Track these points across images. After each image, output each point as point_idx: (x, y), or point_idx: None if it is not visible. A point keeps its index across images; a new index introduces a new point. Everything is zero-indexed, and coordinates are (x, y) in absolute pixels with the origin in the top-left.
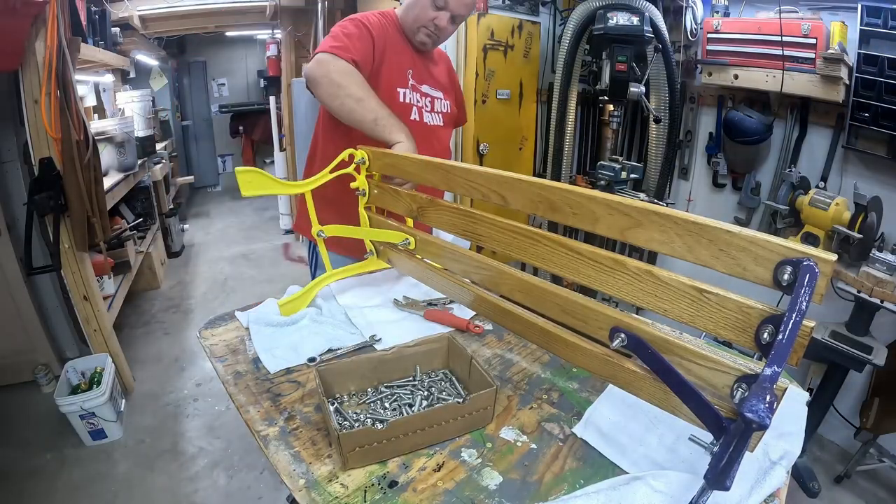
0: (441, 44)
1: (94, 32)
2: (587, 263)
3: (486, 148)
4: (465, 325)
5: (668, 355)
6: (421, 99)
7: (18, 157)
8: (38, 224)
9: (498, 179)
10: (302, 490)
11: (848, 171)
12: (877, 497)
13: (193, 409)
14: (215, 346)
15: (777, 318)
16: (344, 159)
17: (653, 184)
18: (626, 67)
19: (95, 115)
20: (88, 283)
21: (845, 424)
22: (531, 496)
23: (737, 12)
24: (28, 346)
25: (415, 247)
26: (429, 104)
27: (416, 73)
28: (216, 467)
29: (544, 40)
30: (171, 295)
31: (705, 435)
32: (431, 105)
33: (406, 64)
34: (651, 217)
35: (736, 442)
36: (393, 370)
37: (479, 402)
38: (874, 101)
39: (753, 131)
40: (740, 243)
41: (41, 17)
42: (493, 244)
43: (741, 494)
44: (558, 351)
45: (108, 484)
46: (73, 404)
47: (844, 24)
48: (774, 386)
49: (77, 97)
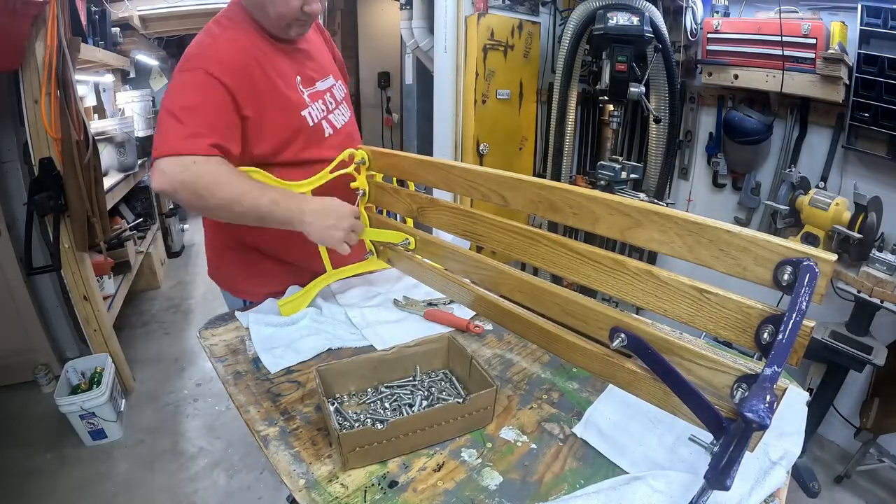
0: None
1: (94, 32)
2: (587, 263)
3: (486, 148)
4: (465, 325)
5: (668, 355)
6: (324, 103)
7: (18, 157)
8: (38, 224)
9: (498, 179)
10: (302, 490)
11: (848, 171)
12: (877, 497)
13: (193, 409)
14: (215, 346)
15: (777, 318)
16: (344, 159)
17: (653, 184)
18: (626, 67)
19: (95, 115)
20: (88, 283)
21: (845, 424)
22: (531, 496)
23: (737, 12)
24: (28, 346)
25: (415, 247)
26: (332, 101)
27: (304, 77)
28: (216, 467)
29: (544, 40)
30: (171, 295)
31: (705, 435)
32: (334, 98)
33: (290, 75)
34: (651, 217)
35: (736, 442)
36: (393, 370)
37: (479, 402)
38: (874, 101)
39: (753, 131)
40: (740, 243)
41: (41, 17)
42: (493, 244)
43: (741, 494)
44: (558, 351)
45: (108, 484)
46: (73, 404)
47: (844, 24)
48: (774, 386)
49: (77, 97)
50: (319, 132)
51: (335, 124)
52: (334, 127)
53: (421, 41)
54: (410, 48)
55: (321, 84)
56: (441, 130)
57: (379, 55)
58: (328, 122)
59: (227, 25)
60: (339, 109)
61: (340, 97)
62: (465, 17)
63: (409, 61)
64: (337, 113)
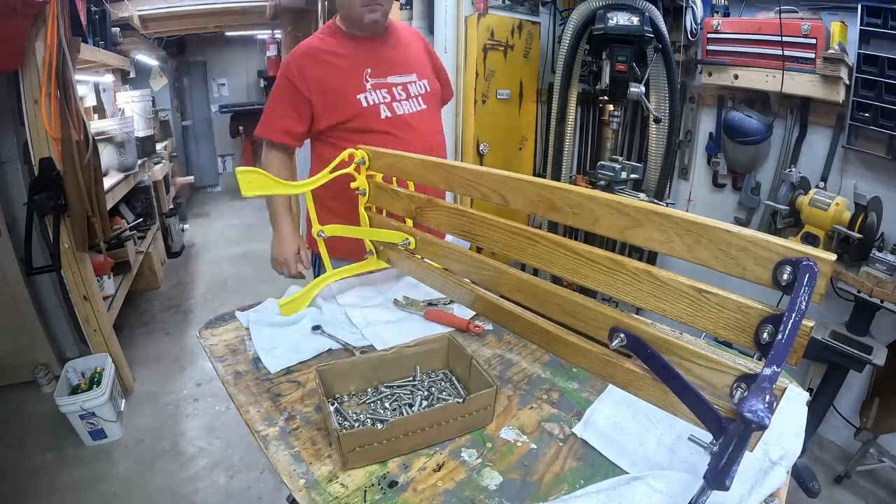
0: (389, 11)
1: (94, 32)
2: (585, 264)
3: (486, 148)
4: (465, 325)
5: (668, 355)
6: (388, 93)
7: (18, 157)
8: (38, 224)
9: (498, 179)
10: (302, 490)
11: (848, 171)
12: (877, 497)
13: (193, 409)
14: (215, 346)
15: (776, 318)
16: (344, 159)
17: (653, 184)
18: (626, 67)
19: (95, 115)
20: (88, 283)
21: (845, 424)
22: (531, 496)
23: (737, 12)
24: (28, 346)
25: (415, 247)
26: (402, 92)
27: (377, 69)
28: (216, 467)
29: (544, 40)
30: (171, 295)
31: (705, 435)
32: (406, 92)
33: (360, 67)
34: (651, 217)
35: (735, 442)
36: (393, 370)
37: (479, 402)
38: (874, 101)
39: (753, 131)
40: (740, 243)
41: (41, 17)
42: (492, 244)
43: (741, 494)
44: (558, 351)
45: (107, 484)
46: (73, 404)
47: (844, 24)
48: (774, 386)
49: (77, 97)
50: (375, 113)
51: (396, 111)
52: (394, 112)
53: None
54: None
55: (397, 78)
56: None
57: None
58: (388, 107)
59: (312, 44)
60: (411, 99)
61: (416, 92)
62: (465, 17)
63: None
64: (408, 101)
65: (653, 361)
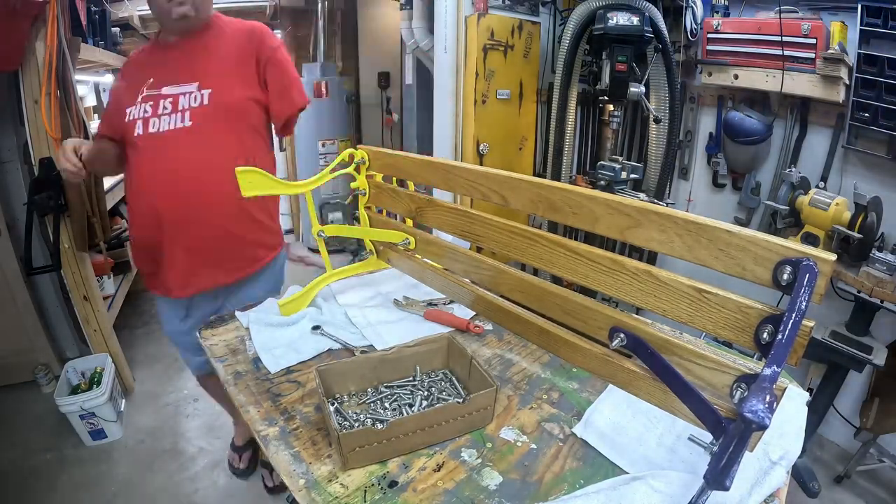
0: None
1: (94, 32)
2: (585, 263)
3: (486, 148)
4: (465, 325)
5: (668, 355)
6: (153, 106)
7: (18, 157)
8: (38, 224)
9: (498, 179)
10: (302, 490)
11: (848, 171)
12: (877, 497)
13: (193, 409)
14: (215, 346)
15: (776, 318)
16: (344, 159)
17: (653, 184)
18: (626, 67)
19: (95, 115)
20: (88, 283)
21: (845, 424)
22: (531, 496)
23: (737, 12)
24: (28, 346)
25: (415, 247)
26: (167, 105)
27: (158, 79)
28: (216, 467)
29: (544, 40)
30: None
31: (705, 435)
32: (174, 105)
33: (144, 77)
34: (651, 217)
35: (735, 442)
36: (393, 370)
37: (479, 402)
38: (874, 101)
39: (753, 131)
40: (740, 243)
41: (41, 17)
42: (492, 244)
43: (741, 494)
44: (558, 351)
45: (108, 484)
46: (73, 404)
47: (844, 24)
48: (774, 386)
49: (77, 97)
50: (131, 129)
51: (149, 127)
52: (146, 128)
53: (421, 41)
54: (410, 48)
55: (169, 88)
56: (441, 130)
57: (379, 55)
58: (144, 122)
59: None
60: (175, 114)
61: (185, 106)
62: (465, 17)
63: (409, 61)
64: (164, 118)
65: (653, 361)
